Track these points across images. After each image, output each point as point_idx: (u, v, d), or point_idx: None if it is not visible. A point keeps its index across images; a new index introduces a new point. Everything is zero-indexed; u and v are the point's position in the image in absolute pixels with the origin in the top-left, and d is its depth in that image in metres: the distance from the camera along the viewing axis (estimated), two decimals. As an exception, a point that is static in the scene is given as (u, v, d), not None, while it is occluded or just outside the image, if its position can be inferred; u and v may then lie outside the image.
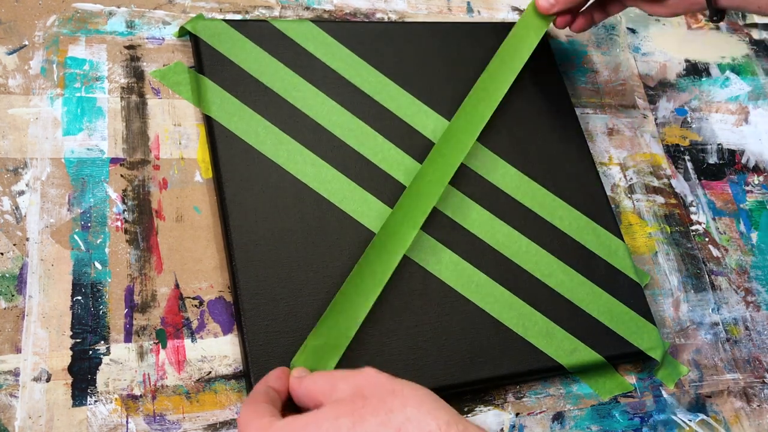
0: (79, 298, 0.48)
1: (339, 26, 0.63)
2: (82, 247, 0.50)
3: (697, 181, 0.71)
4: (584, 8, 0.65)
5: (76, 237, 0.50)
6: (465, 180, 0.60)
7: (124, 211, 0.52)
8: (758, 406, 0.61)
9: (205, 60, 0.57)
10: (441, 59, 0.64)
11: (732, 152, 0.74)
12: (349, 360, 0.50)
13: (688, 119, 0.74)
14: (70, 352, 0.46)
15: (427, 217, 0.56)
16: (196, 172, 0.55)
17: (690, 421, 0.58)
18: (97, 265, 0.49)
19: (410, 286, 0.54)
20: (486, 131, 0.62)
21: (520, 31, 0.64)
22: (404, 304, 0.53)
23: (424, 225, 0.56)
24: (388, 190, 0.57)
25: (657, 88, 0.74)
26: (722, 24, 0.82)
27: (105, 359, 0.47)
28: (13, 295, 0.47)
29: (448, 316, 0.53)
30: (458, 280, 0.55)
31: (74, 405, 0.45)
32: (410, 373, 0.51)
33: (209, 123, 0.55)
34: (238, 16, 0.62)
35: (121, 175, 0.53)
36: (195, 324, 0.50)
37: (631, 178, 0.68)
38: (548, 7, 0.62)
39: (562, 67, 0.70)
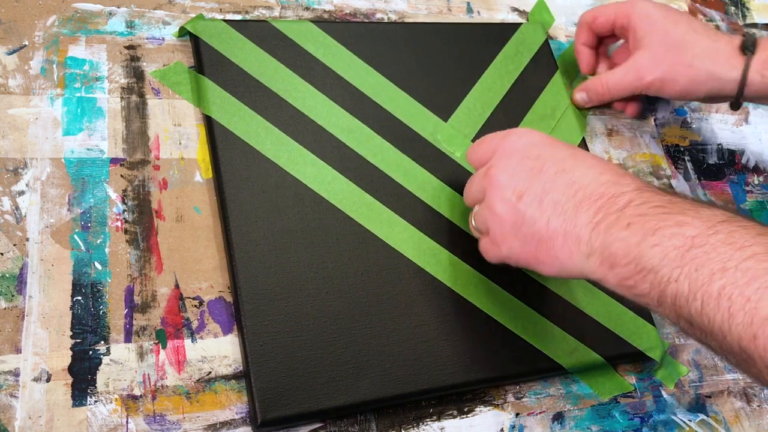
0: (79, 298, 0.48)
1: (339, 27, 0.63)
2: (82, 247, 0.50)
3: (697, 181, 0.71)
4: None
5: (76, 237, 0.50)
6: (463, 182, 0.59)
7: (124, 211, 0.52)
8: (758, 406, 0.61)
9: (205, 60, 0.57)
10: (441, 60, 0.64)
11: (732, 152, 0.74)
12: (348, 359, 0.50)
13: (688, 119, 0.74)
14: (70, 352, 0.46)
15: (426, 219, 0.57)
16: (196, 172, 0.55)
17: (690, 421, 0.58)
18: (97, 265, 0.49)
19: (410, 287, 0.54)
20: (483, 132, 0.62)
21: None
22: (404, 304, 0.53)
23: (424, 226, 0.56)
24: (387, 191, 0.57)
25: (657, 89, 0.74)
26: (722, 24, 0.82)
27: (105, 359, 0.47)
28: (13, 295, 0.47)
29: (447, 317, 0.54)
30: (458, 281, 0.55)
31: (74, 405, 0.45)
32: (410, 373, 0.51)
33: (209, 123, 0.55)
34: (238, 17, 0.62)
35: (121, 175, 0.53)
36: (195, 324, 0.50)
37: (631, 179, 0.68)
38: (582, 103, 0.68)
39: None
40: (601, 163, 0.47)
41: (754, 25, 0.84)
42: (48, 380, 0.45)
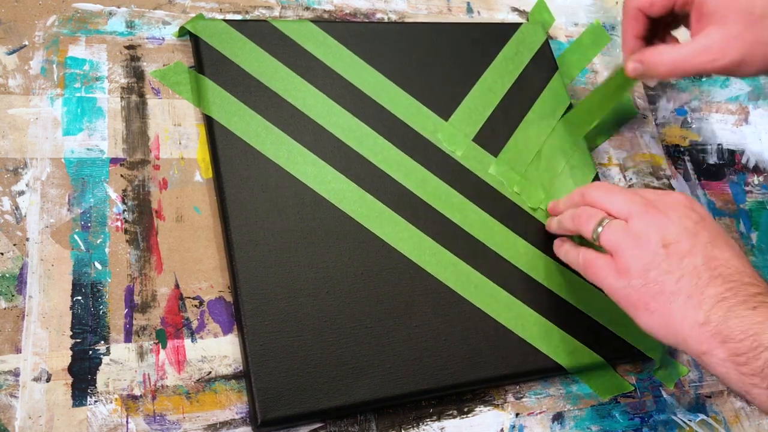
0: (79, 298, 0.48)
1: (339, 26, 0.63)
2: (82, 247, 0.50)
3: (697, 181, 0.71)
4: None
5: (76, 237, 0.50)
6: (463, 181, 0.60)
7: (124, 211, 0.52)
8: (758, 406, 0.61)
9: (205, 60, 0.57)
10: (441, 59, 0.64)
11: (732, 152, 0.74)
12: (348, 359, 0.50)
13: (688, 119, 0.74)
14: (70, 352, 0.46)
15: (426, 218, 0.57)
16: (196, 172, 0.55)
17: (690, 421, 0.58)
18: (97, 265, 0.49)
19: (410, 287, 0.54)
20: (484, 132, 0.62)
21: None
22: (404, 304, 0.53)
23: (424, 226, 0.56)
24: (387, 190, 0.57)
25: (657, 89, 0.74)
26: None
27: (105, 359, 0.47)
28: (13, 295, 0.47)
29: (448, 316, 0.54)
30: (458, 281, 0.55)
31: (74, 405, 0.45)
32: (410, 373, 0.51)
33: (209, 123, 0.55)
34: (238, 16, 0.62)
35: (121, 175, 0.53)
36: (195, 324, 0.50)
37: (631, 179, 0.68)
38: (634, 75, 0.58)
39: (562, 68, 0.70)
40: (746, 258, 0.48)
41: (754, 25, 0.84)
42: (48, 380, 0.45)
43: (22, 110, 0.53)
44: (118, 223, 0.51)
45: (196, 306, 0.50)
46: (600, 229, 0.49)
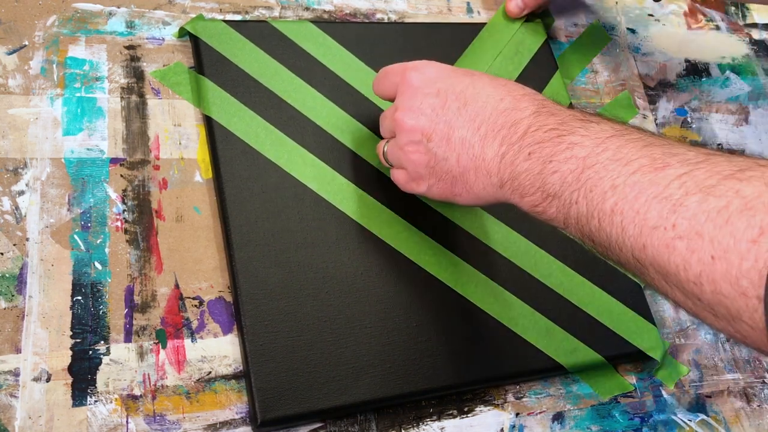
0: (79, 298, 0.48)
1: (338, 27, 0.63)
2: (82, 247, 0.50)
3: (697, 181, 0.71)
4: None
5: (76, 237, 0.50)
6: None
7: (124, 211, 0.52)
8: (758, 406, 0.61)
9: (205, 60, 0.57)
10: (441, 60, 0.64)
11: (732, 152, 0.74)
12: (348, 359, 0.50)
13: (688, 119, 0.74)
14: (70, 352, 0.46)
15: (426, 218, 0.57)
16: (196, 172, 0.55)
17: (690, 421, 0.58)
18: (97, 265, 0.49)
19: (410, 287, 0.54)
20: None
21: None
22: (404, 304, 0.53)
23: (423, 226, 0.56)
24: (387, 192, 0.57)
25: (657, 89, 0.74)
26: (722, 24, 0.82)
27: (105, 359, 0.47)
28: (13, 295, 0.47)
29: (447, 317, 0.54)
30: (458, 280, 0.55)
31: (74, 405, 0.45)
32: (410, 373, 0.51)
33: (209, 123, 0.55)
34: (238, 17, 0.62)
35: (121, 175, 0.53)
36: (195, 324, 0.50)
37: (631, 178, 0.68)
38: (518, 12, 0.68)
39: (562, 68, 0.70)
40: (499, 88, 0.47)
41: (754, 25, 0.84)
42: (48, 380, 0.45)
43: (22, 110, 0.53)
44: (118, 223, 0.51)
45: (196, 306, 0.50)
46: (386, 156, 0.53)
